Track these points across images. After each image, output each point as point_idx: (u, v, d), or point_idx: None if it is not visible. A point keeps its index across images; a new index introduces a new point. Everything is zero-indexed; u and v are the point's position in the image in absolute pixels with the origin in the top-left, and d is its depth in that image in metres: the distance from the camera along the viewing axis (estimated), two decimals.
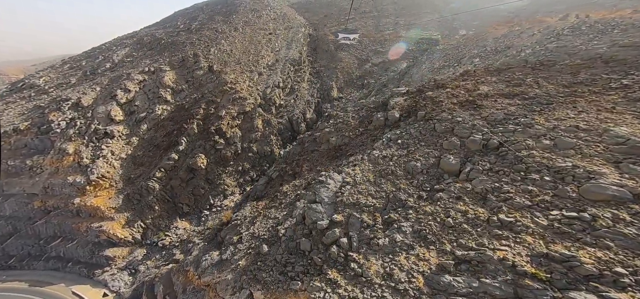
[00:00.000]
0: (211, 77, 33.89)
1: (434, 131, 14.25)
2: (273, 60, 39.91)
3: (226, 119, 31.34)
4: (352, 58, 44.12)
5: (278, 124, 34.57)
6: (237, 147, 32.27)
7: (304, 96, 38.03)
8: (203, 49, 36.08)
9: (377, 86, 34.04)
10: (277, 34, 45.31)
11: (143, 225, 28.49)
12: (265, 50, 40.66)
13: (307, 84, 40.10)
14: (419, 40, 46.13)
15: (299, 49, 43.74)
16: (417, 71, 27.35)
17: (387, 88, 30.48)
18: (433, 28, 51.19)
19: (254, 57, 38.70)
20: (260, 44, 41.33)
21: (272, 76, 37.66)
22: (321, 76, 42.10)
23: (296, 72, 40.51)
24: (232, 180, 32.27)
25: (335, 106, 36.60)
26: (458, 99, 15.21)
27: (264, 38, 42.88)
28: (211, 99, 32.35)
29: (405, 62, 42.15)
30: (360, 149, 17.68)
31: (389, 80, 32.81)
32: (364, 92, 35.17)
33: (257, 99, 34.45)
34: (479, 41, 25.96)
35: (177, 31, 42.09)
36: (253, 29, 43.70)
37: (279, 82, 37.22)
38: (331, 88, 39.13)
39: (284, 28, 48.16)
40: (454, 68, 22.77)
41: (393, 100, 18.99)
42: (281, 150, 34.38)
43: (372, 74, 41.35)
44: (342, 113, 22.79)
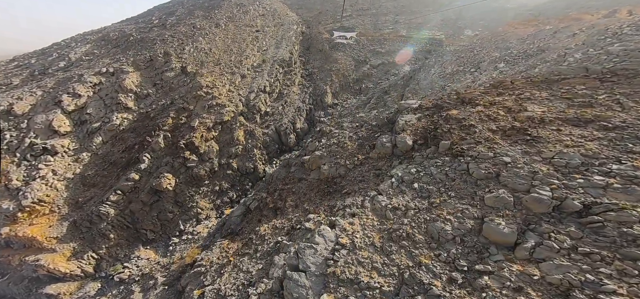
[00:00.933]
0: (184, 80, 28.91)
1: (467, 174, 9.75)
2: (259, 60, 35.04)
3: (200, 131, 26.43)
4: (349, 59, 39.54)
5: (263, 135, 29.78)
6: (214, 164, 27.41)
7: (294, 102, 33.30)
8: (176, 47, 31.04)
9: (377, 92, 29.49)
10: (265, 32, 40.41)
11: (95, 256, 23.44)
12: (250, 49, 35.76)
13: (298, 88, 35.36)
14: (422, 40, 41.91)
15: (290, 48, 38.95)
16: (425, 76, 22.96)
17: (389, 96, 25.98)
18: (435, 27, 46.94)
19: (237, 57, 33.79)
20: (245, 43, 36.41)
21: (258, 78, 32.82)
22: (314, 78, 37.42)
23: (286, 75, 35.73)
24: (207, 202, 27.43)
25: (329, 115, 31.96)
26: (498, 124, 10.73)
27: (250, 36, 37.95)
28: (183, 106, 27.38)
29: (408, 65, 37.78)
30: (360, 186, 13.07)
31: (390, 86, 28.31)
32: (362, 99, 30.61)
33: (239, 106, 29.60)
34: (498, 42, 21.71)
35: (150, 27, 36.87)
36: (237, 26, 38.72)
37: (266, 86, 32.41)
38: (325, 93, 34.48)
39: (274, 25, 43.27)
40: (473, 75, 18.45)
41: (402, 118, 14.41)
42: (266, 166, 29.68)
43: (371, 77, 36.87)
44: (336, 130, 18.18)
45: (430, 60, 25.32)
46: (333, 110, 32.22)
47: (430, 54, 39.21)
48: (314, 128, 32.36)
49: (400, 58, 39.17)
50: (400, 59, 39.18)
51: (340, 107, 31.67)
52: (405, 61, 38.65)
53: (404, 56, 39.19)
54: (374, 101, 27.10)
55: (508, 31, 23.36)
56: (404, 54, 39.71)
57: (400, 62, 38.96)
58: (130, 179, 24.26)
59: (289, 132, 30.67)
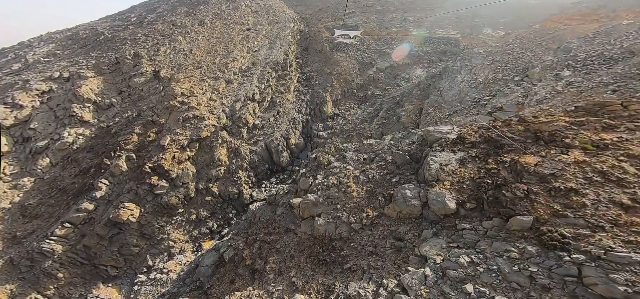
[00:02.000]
0: (156, 87, 24.28)
1: (581, 285, 5.02)
2: (249, 63, 30.35)
3: (171, 151, 21.78)
4: (352, 61, 34.74)
5: (250, 154, 25.08)
6: (189, 190, 22.76)
7: (288, 112, 28.57)
8: (149, 48, 26.43)
9: (386, 102, 24.66)
10: (257, 30, 35.71)
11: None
12: (239, 50, 31.08)
13: (294, 95, 30.63)
14: (435, 39, 37.01)
15: (285, 49, 34.22)
16: (449, 85, 18.14)
17: (403, 109, 21.16)
18: (449, 25, 41.98)
19: (223, 60, 29.11)
20: (234, 43, 31.75)
21: (246, 84, 28.13)
22: (312, 84, 32.66)
23: (279, 80, 31.01)
24: (182, 233, 22.78)
25: (329, 128, 27.18)
26: (630, 192, 5.92)
27: (239, 35, 33.27)
28: (152, 120, 22.75)
29: (420, 68, 32.92)
30: (371, 263, 8.33)
31: (403, 95, 23.48)
32: (368, 110, 25.79)
33: (221, 119, 24.92)
34: (547, 42, 16.87)
35: (126, 25, 32.32)
36: (225, 24, 34.07)
37: (254, 94, 27.71)
38: (324, 101, 29.70)
39: (268, 23, 38.56)
40: (521, 86, 13.64)
41: (435, 158, 9.59)
42: (254, 191, 24.99)
43: (377, 82, 32.05)
44: (337, 163, 13.43)
45: (454, 63, 20.42)
46: (333, 122, 27.42)
47: (444, 54, 34.33)
48: (311, 143, 27.63)
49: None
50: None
51: (342, 119, 26.87)
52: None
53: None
54: (384, 113, 22.27)
55: (556, 28, 18.49)
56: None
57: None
58: (83, 209, 19.67)
59: (282, 149, 25.94)
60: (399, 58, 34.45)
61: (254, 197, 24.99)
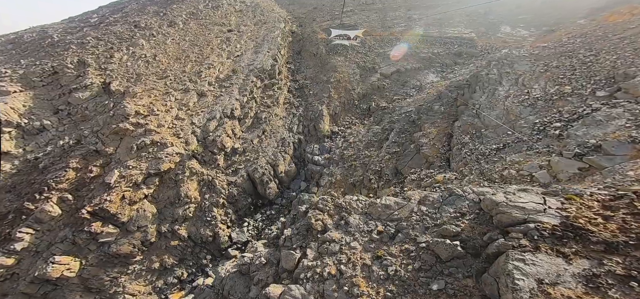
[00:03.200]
0: (104, 104, 19.01)
1: None
2: (228, 71, 25.21)
3: (120, 190, 16.53)
4: (352, 66, 29.80)
5: (228, 187, 19.93)
6: (148, 234, 17.52)
7: (276, 131, 23.44)
8: (100, 54, 21.17)
9: (397, 119, 19.65)
10: (240, 32, 30.61)
11: None
12: (216, 55, 25.94)
13: (284, 109, 25.52)
14: (446, 40, 32.30)
15: (274, 52, 29.14)
16: (489, 102, 13.21)
17: (423, 132, 16.15)
18: (461, 23, 37.30)
19: (195, 67, 23.94)
20: (211, 47, 26.59)
21: (223, 97, 22.98)
22: (306, 94, 27.61)
23: (266, 90, 25.90)
24: (142, 284, 17.50)
25: (325, 151, 22.07)
26: None
27: (218, 37, 28.14)
28: (95, 149, 17.48)
29: (432, 73, 28.11)
30: None
31: (420, 110, 18.49)
32: (374, 129, 20.75)
33: (191, 143, 19.74)
34: (630, 40, 12.13)
35: (82, 26, 27.02)
36: (202, 25, 28.92)
37: (234, 109, 22.55)
38: (320, 116, 24.61)
39: (254, 23, 33.47)
40: (625, 109, 8.80)
41: (525, 269, 4.68)
42: (233, 231, 19.90)
43: (383, 91, 27.13)
44: (337, 232, 8.43)
45: (488, 70, 15.41)
46: (332, 143, 22.34)
47: (460, 57, 29.60)
48: (305, 169, 22.53)
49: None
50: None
51: (342, 140, 21.78)
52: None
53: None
54: (395, 136, 17.25)
55: (630, 21, 13.74)
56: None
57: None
58: None
59: (268, 179, 20.80)
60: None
61: (234, 239, 19.89)
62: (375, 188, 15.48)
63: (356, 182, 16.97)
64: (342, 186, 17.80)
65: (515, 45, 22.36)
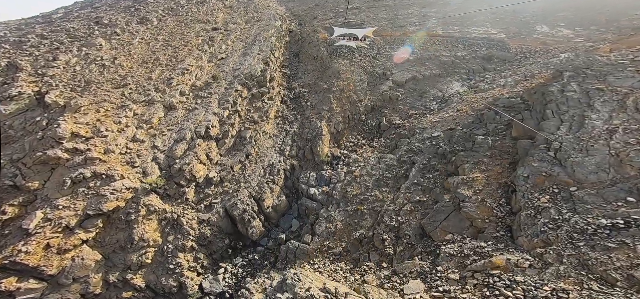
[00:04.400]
0: (36, 121, 14.59)
1: None
2: (207, 77, 20.66)
3: (43, 237, 12.06)
4: (358, 72, 25.04)
5: (200, 226, 15.34)
6: (89, 285, 12.98)
7: (263, 154, 18.78)
8: (40, 56, 16.78)
9: (420, 150, 14.78)
10: (228, 31, 26.10)
11: None
12: (194, 57, 21.42)
13: (274, 125, 20.86)
14: (472, 42, 27.38)
15: (266, 55, 24.54)
16: (573, 135, 8.54)
17: (462, 174, 11.36)
18: (486, 22, 32.26)
19: (165, 73, 19.43)
20: (188, 47, 22.10)
21: (198, 111, 18.43)
22: (302, 106, 22.93)
23: (253, 102, 21.29)
24: None
25: (323, 182, 17.29)
26: None
27: (200, 37, 23.64)
28: (13, 183, 13.05)
29: (457, 80, 23.25)
30: None
31: (452, 139, 13.64)
32: (386, 159, 15.92)
33: (150, 174, 15.22)
34: None
35: (36, 23, 22.78)
36: (181, 22, 24.47)
37: (210, 126, 17.96)
38: (319, 135, 19.88)
39: (245, 21, 28.95)
40: None
41: None
42: (206, 279, 15.33)
43: (396, 103, 22.30)
44: None
45: (565, 86, 10.62)
46: (332, 172, 17.56)
47: (490, 61, 24.66)
48: (298, 203, 17.83)
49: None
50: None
51: (346, 170, 16.95)
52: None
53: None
54: (418, 174, 12.46)
55: None
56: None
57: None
58: None
59: (251, 216, 16.15)
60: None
61: (206, 290, 15.27)
62: (390, 255, 10.69)
63: (363, 239, 12.19)
64: (343, 239, 13.03)
65: (543, 46, 17.41)
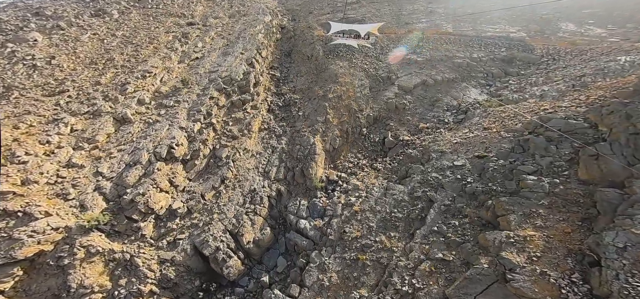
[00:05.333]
0: None
1: None
2: (175, 82, 16.99)
3: None
4: (358, 75, 21.59)
5: (160, 267, 11.78)
6: None
7: (244, 178, 15.21)
8: None
9: (439, 185, 11.35)
10: (207, 26, 22.40)
11: None
12: (160, 58, 17.73)
13: (258, 140, 17.27)
14: (488, 41, 24.06)
15: (250, 54, 20.90)
16: None
17: (512, 241, 7.88)
18: (503, 20, 28.93)
19: (119, 77, 15.72)
20: (154, 45, 18.41)
21: (159, 126, 14.79)
22: (293, 116, 19.36)
23: (233, 111, 17.68)
24: None
25: (317, 214, 13.80)
26: None
27: (171, 33, 19.92)
28: None
29: (475, 87, 19.92)
30: None
31: (485, 173, 10.23)
32: (393, 191, 12.51)
33: (93, 208, 11.61)
34: None
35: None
36: (148, 15, 20.74)
37: (175, 145, 14.34)
38: (312, 153, 16.35)
39: (229, 15, 25.25)
40: None
41: None
42: None
43: (404, 113, 18.86)
44: None
45: None
46: (328, 201, 14.05)
47: (511, 64, 21.35)
48: (285, 238, 14.32)
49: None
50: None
51: (343, 201, 13.43)
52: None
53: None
54: (438, 220, 9.08)
55: None
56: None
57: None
58: None
59: (226, 255, 12.63)
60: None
61: None
62: None
63: None
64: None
65: (573, 47, 14.15)
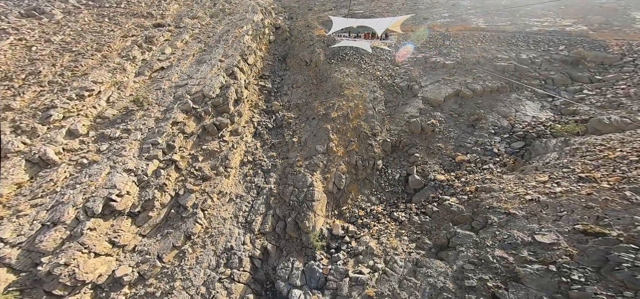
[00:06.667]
0: None
1: None
2: (127, 102, 12.77)
3: None
4: (369, 85, 17.08)
5: None
6: None
7: (216, 233, 10.88)
8: None
9: (531, 278, 6.70)
10: (180, 28, 18.22)
11: None
12: (106, 70, 13.54)
13: (239, 180, 12.88)
14: (535, 37, 19.25)
15: (232, 63, 16.53)
16: None
17: None
18: (549, 12, 23.87)
19: (42, 99, 11.57)
20: (102, 53, 14.24)
21: (97, 169, 10.54)
22: (286, 144, 14.87)
23: (205, 140, 13.35)
24: None
25: (313, 283, 9.41)
26: None
27: (130, 37, 15.78)
28: None
29: (531, 100, 15.13)
30: None
31: (603, 274, 5.42)
32: (432, 264, 7.87)
33: None
34: None
35: None
36: (103, 16, 16.68)
37: (113, 196, 10.07)
38: (309, 198, 11.91)
39: (210, 14, 21.04)
40: None
41: None
42: None
43: (432, 141, 14.18)
44: None
45: None
46: (329, 268, 9.54)
47: (577, 67, 16.45)
48: None
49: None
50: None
51: (350, 262, 8.91)
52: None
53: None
54: None
55: None
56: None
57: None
58: None
59: None
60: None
61: None
62: None
63: None
64: None
65: None
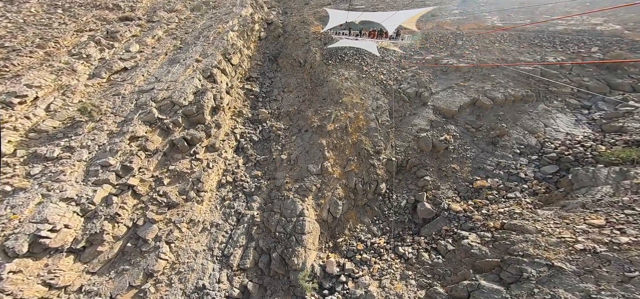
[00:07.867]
0: None
1: None
2: (73, 113, 10.21)
3: None
4: (371, 92, 14.76)
5: None
6: None
7: (185, 269, 8.45)
8: None
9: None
10: (152, 23, 15.65)
11: None
12: (48, 71, 10.99)
13: (215, 205, 10.46)
14: (565, 37, 17.24)
15: (211, 63, 13.99)
16: None
17: None
18: (574, 9, 21.83)
19: None
20: (45, 50, 11.67)
21: (23, 198, 8.00)
22: (273, 161, 12.45)
23: (171, 160, 10.87)
24: None
25: None
26: None
27: (84, 33, 13.17)
28: None
29: (562, 112, 13.09)
30: None
31: None
32: None
33: None
34: None
35: None
36: (56, 6, 14.07)
37: (43, 232, 7.56)
38: (299, 231, 9.59)
39: (191, 8, 18.47)
40: None
41: None
42: None
43: (446, 162, 12.03)
44: None
45: None
46: None
47: (617, 72, 14.30)
48: None
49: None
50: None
51: None
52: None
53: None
54: None
55: None
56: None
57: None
58: None
59: None
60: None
61: None
62: None
63: None
64: None
65: None
